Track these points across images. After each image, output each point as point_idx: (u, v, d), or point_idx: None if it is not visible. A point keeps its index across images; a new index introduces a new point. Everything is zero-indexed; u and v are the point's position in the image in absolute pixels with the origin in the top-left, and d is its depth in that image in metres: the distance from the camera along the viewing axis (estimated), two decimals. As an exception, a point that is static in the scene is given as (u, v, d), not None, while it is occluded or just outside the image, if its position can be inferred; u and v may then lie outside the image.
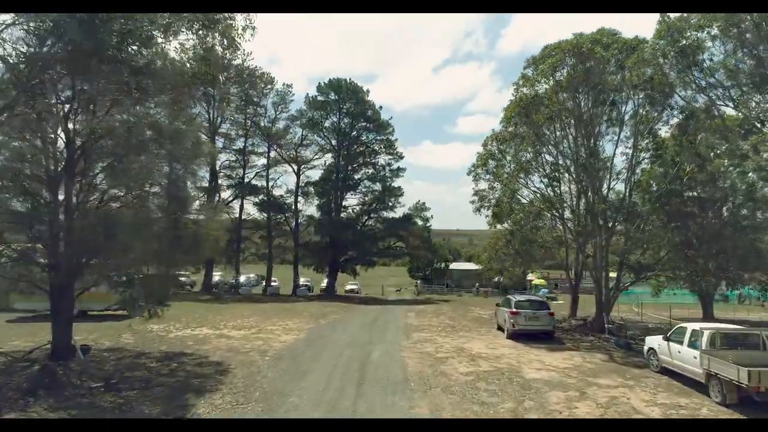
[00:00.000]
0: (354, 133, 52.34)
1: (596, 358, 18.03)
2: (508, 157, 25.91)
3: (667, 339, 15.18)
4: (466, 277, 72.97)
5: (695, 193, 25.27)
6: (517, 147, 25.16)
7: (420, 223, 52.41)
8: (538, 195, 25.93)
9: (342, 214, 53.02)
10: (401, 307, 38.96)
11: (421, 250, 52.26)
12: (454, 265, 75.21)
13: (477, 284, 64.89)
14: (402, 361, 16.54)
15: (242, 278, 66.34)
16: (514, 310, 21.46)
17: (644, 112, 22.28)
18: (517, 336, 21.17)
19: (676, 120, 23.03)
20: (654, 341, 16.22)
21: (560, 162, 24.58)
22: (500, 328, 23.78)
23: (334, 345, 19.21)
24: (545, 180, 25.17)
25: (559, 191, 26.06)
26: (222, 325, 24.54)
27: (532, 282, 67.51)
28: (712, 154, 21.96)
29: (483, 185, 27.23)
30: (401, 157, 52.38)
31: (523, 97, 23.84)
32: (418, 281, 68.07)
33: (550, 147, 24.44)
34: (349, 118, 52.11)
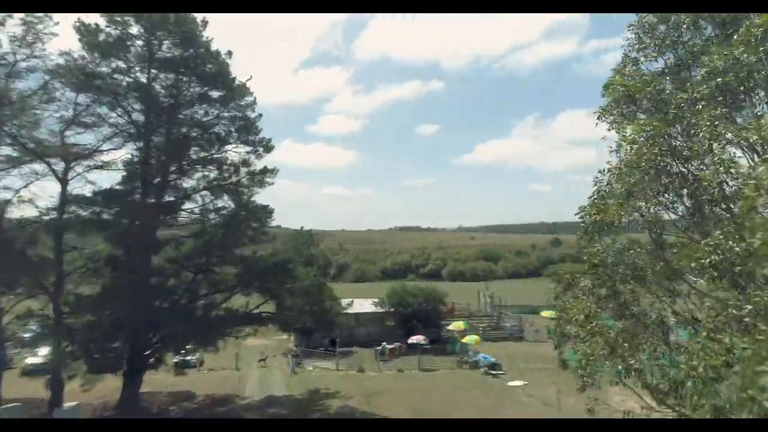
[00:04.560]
0: (179, 102, 27.91)
1: None
2: None
3: None
4: (366, 324, 51.43)
5: None
6: None
7: (305, 267, 29.43)
8: None
9: (154, 261, 28.25)
10: None
11: (306, 315, 29.41)
12: (347, 305, 52.59)
13: (384, 344, 43.64)
14: None
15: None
16: None
17: None
18: None
19: None
20: None
21: None
22: None
23: None
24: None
25: None
26: None
27: (448, 327, 48.02)
28: None
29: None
30: (269, 149, 29.07)
31: None
32: (295, 348, 44.83)
33: None
34: (168, 73, 27.60)
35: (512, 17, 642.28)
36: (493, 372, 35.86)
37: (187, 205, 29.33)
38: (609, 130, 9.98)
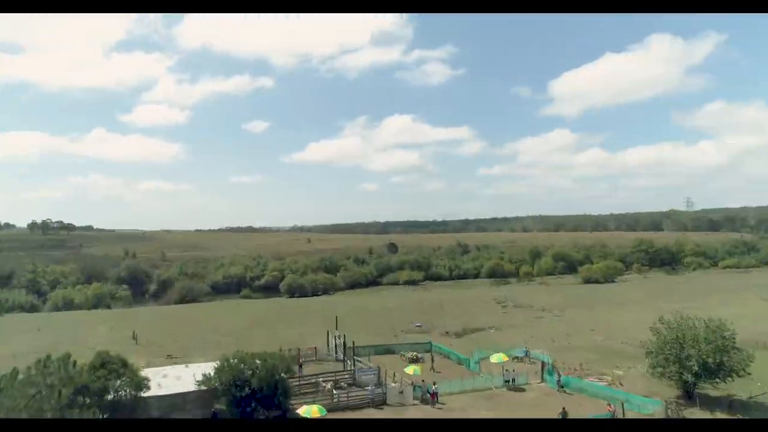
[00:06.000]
0: None
1: None
2: None
3: None
4: (187, 407, 38.73)
5: None
6: None
7: None
8: None
9: None
10: None
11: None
12: (156, 386, 39.26)
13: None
14: None
15: None
16: None
17: None
18: None
19: None
20: None
21: None
22: None
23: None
24: None
25: None
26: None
27: (298, 412, 38.11)
28: None
29: None
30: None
31: None
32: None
33: None
34: None
35: (341, 20, 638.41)
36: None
37: None
38: None
